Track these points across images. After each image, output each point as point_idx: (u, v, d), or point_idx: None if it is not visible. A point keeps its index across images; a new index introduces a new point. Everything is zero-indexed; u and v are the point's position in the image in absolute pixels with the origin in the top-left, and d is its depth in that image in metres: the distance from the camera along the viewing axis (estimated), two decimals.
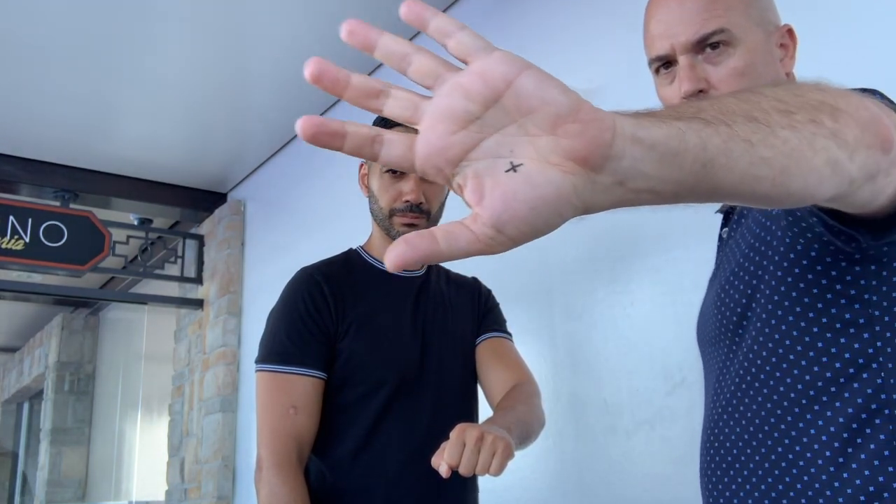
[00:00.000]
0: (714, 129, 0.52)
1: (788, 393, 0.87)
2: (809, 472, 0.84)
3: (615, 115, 0.50)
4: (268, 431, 1.41)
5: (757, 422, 0.89)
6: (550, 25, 2.37)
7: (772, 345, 0.89)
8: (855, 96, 0.63)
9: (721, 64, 0.94)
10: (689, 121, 0.52)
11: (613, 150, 0.48)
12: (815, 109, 0.58)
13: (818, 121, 0.58)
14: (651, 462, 1.85)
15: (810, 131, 0.57)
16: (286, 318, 1.47)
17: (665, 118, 0.52)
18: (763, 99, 0.57)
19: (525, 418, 1.40)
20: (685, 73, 0.96)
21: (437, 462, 1.13)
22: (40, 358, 6.79)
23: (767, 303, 0.89)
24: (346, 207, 3.16)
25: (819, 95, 0.60)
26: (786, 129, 0.55)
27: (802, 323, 0.86)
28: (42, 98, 3.34)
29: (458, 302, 1.63)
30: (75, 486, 6.19)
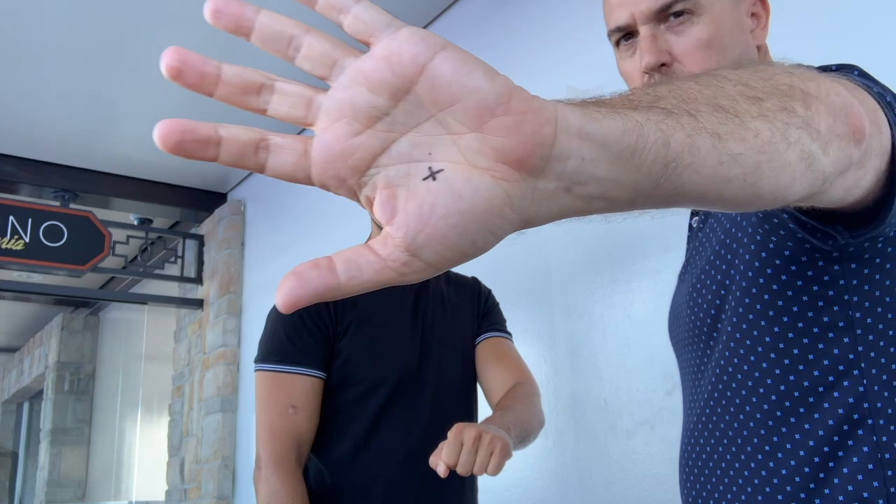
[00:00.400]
0: (676, 120, 0.44)
1: (762, 404, 0.80)
2: (785, 490, 0.77)
3: (557, 104, 0.40)
4: (267, 431, 1.41)
5: (731, 434, 0.83)
6: (550, 25, 2.37)
7: (744, 351, 0.82)
8: (825, 79, 0.56)
9: (685, 34, 0.85)
10: (647, 111, 0.43)
11: (556, 148, 0.39)
12: (786, 95, 0.51)
13: (790, 108, 0.50)
14: (651, 462, 1.85)
15: (783, 121, 0.49)
16: (285, 317, 1.47)
17: (619, 108, 0.42)
18: (728, 83, 0.50)
19: (524, 418, 1.40)
20: (646, 44, 0.86)
21: (435, 462, 1.13)
22: (40, 358, 6.79)
23: (739, 305, 0.82)
24: (345, 208, 3.15)
25: (788, 79, 0.53)
26: (757, 120, 0.48)
27: (776, 328, 0.79)
28: (42, 98, 3.34)
29: (458, 301, 1.63)
30: (75, 486, 6.19)
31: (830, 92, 0.54)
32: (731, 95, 0.48)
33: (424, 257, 0.39)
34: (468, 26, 2.71)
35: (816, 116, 0.52)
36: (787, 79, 0.53)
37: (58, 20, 2.80)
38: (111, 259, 4.07)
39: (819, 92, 0.53)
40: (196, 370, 4.20)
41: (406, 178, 0.39)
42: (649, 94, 0.46)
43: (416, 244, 0.38)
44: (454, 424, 1.16)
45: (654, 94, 0.46)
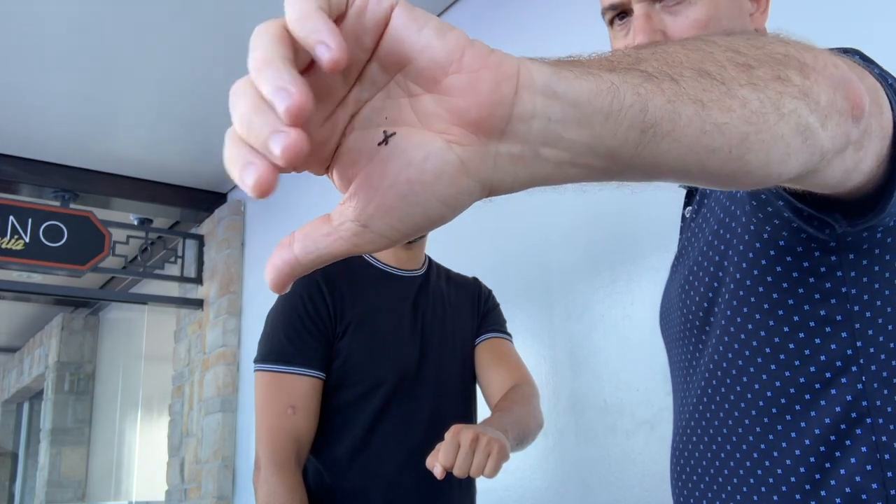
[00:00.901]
0: (657, 84, 0.40)
1: (756, 401, 0.77)
2: (781, 490, 0.75)
3: (522, 59, 0.37)
4: (266, 431, 1.40)
5: (724, 432, 0.80)
6: (550, 25, 2.37)
7: (738, 346, 0.79)
8: (824, 51, 0.53)
9: (681, 14, 0.82)
10: (625, 73, 0.40)
11: (518, 107, 0.35)
12: (780, 63, 0.47)
13: (784, 77, 0.47)
14: (651, 462, 1.85)
15: (776, 90, 0.45)
16: (285, 317, 1.47)
17: (594, 68, 0.39)
18: (717, 49, 0.46)
19: (522, 419, 1.39)
20: (639, 23, 0.83)
21: (432, 463, 1.13)
22: (40, 358, 6.79)
23: (732, 298, 0.79)
24: None
25: (783, 48, 0.49)
26: (745, 87, 0.44)
27: (771, 322, 0.76)
28: (42, 98, 3.34)
29: (458, 302, 1.62)
30: (75, 486, 6.19)
31: (829, 64, 0.51)
32: (720, 61, 0.45)
33: (375, 228, 0.37)
34: (468, 26, 2.71)
35: (815, 87, 0.48)
36: (783, 48, 0.49)
37: (58, 20, 2.80)
38: (111, 259, 4.07)
39: (817, 63, 0.50)
40: (196, 370, 4.20)
41: (362, 144, 0.37)
42: (630, 56, 0.42)
43: (366, 214, 0.37)
44: (452, 426, 1.15)
45: (635, 55, 0.43)
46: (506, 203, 2.58)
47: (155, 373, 5.26)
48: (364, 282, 1.53)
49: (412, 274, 1.58)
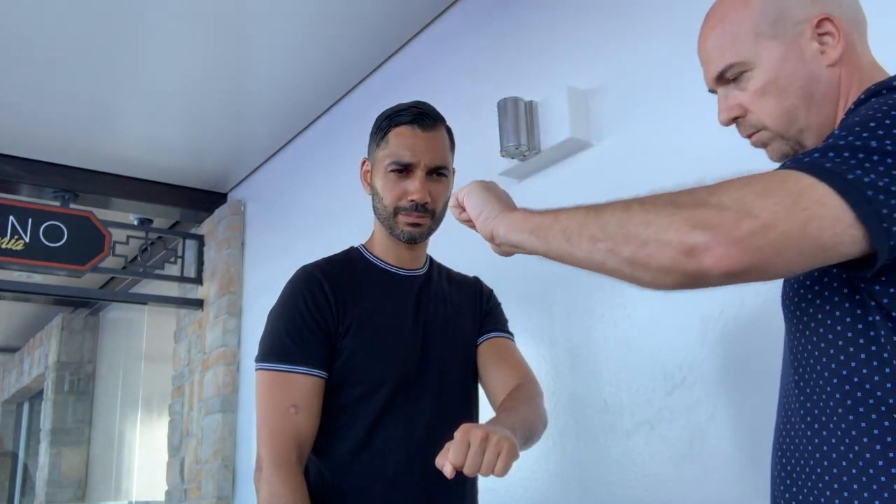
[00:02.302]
0: (543, 241, 0.94)
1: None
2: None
3: (496, 221, 1.04)
4: (268, 431, 1.40)
5: (809, 418, 0.89)
6: (550, 26, 2.37)
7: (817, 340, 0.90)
8: (665, 216, 0.78)
9: (746, 89, 1.00)
10: (533, 233, 0.96)
11: (495, 240, 1.05)
12: (611, 238, 0.83)
13: (613, 249, 0.83)
14: (651, 462, 1.85)
15: (592, 246, 0.86)
16: (287, 316, 1.47)
17: (528, 226, 0.97)
18: (584, 227, 0.87)
19: (528, 419, 1.39)
20: (720, 105, 1.04)
21: (441, 462, 1.12)
22: (40, 358, 6.79)
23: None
24: (345, 207, 3.15)
25: (628, 228, 0.82)
26: (583, 244, 0.87)
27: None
28: (42, 98, 3.34)
29: (460, 301, 1.62)
30: (75, 486, 6.19)
31: (653, 227, 0.79)
32: (578, 233, 0.88)
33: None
34: (468, 26, 2.71)
35: (619, 247, 0.82)
36: (624, 228, 0.82)
37: (58, 20, 2.80)
38: (111, 259, 4.07)
39: (640, 234, 0.80)
40: (196, 370, 4.20)
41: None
42: (546, 222, 0.95)
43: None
44: (458, 425, 1.15)
45: (538, 222, 0.97)
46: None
47: (155, 373, 5.26)
48: (366, 281, 1.53)
49: (414, 273, 1.58)
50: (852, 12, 1.00)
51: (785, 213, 0.73)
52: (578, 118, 2.14)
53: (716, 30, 1.03)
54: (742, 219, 0.73)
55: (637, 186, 2.00)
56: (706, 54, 1.04)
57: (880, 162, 0.75)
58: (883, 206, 0.74)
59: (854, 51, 0.98)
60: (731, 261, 0.73)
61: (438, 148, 1.52)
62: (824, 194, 0.74)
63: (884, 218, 0.74)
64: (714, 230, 0.73)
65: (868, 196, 0.73)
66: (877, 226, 0.74)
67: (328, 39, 2.97)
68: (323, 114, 3.52)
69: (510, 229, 0.98)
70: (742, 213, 0.73)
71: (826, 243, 0.74)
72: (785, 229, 0.73)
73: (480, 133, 2.35)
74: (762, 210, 0.73)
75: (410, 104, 1.55)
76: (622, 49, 2.11)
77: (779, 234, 0.73)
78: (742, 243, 0.73)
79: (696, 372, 1.79)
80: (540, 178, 2.30)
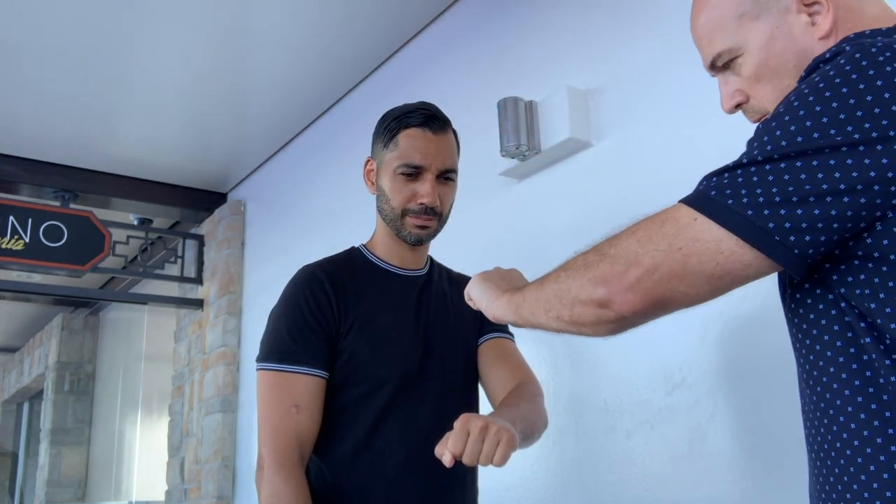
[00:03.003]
0: (522, 318, 1.06)
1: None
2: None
3: (492, 304, 1.16)
4: (269, 430, 1.40)
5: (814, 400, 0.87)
6: (550, 26, 2.37)
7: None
8: (578, 277, 0.91)
9: (741, 74, 0.97)
10: (515, 313, 1.08)
11: (495, 318, 1.16)
12: (546, 301, 0.97)
13: (548, 308, 0.97)
14: (651, 462, 1.85)
15: (545, 313, 0.98)
16: (288, 316, 1.46)
17: (512, 311, 1.10)
18: (537, 301, 1.00)
19: (528, 416, 1.39)
20: (721, 92, 1.01)
21: (441, 451, 1.12)
22: (40, 358, 6.79)
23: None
24: (346, 207, 3.15)
25: (554, 288, 0.95)
26: (542, 320, 1.00)
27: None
28: (42, 98, 3.34)
29: (461, 302, 1.62)
30: (75, 486, 6.19)
31: (573, 291, 0.91)
32: (535, 306, 1.01)
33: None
34: (468, 26, 2.71)
35: (556, 309, 0.95)
36: (560, 296, 0.94)
37: (58, 20, 2.80)
38: (111, 259, 4.07)
39: (567, 299, 0.92)
40: (196, 370, 4.20)
41: None
42: (519, 301, 1.08)
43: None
44: (461, 415, 1.15)
45: (518, 302, 1.08)
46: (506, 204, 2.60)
47: (155, 373, 5.26)
48: (367, 281, 1.53)
49: (415, 273, 1.58)
50: None
51: (662, 256, 0.81)
52: (578, 118, 2.14)
53: (702, 14, 0.99)
54: (629, 268, 0.83)
55: (637, 186, 2.01)
56: (697, 39, 1.01)
57: (771, 171, 0.77)
58: (769, 220, 0.76)
59: (852, 11, 0.92)
60: (632, 304, 0.83)
61: (448, 151, 1.52)
62: (700, 229, 0.80)
63: (771, 232, 0.76)
64: (609, 282, 0.85)
65: (748, 217, 0.77)
66: (765, 241, 0.77)
67: (328, 39, 2.97)
68: (323, 114, 3.52)
69: (502, 313, 1.12)
70: (628, 262, 0.83)
71: (714, 273, 0.80)
72: (667, 270, 0.81)
73: (480, 133, 2.35)
74: (643, 256, 0.82)
75: (418, 105, 1.54)
76: (622, 49, 2.11)
77: (662, 274, 0.81)
78: (633, 289, 0.83)
79: (696, 372, 1.79)
80: (540, 178, 2.30)
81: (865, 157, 0.73)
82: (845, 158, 0.74)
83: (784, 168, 0.76)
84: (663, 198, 1.91)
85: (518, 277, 1.25)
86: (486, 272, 1.27)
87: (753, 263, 0.79)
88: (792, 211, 0.75)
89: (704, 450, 1.74)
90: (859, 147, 0.73)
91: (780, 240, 0.76)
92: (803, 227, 0.75)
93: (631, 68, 2.08)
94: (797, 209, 0.75)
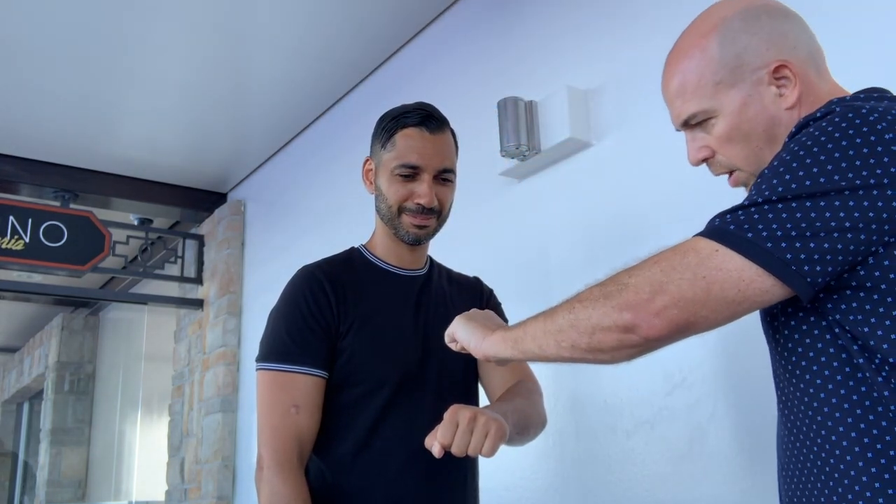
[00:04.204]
0: (521, 351, 1.08)
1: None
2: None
3: (487, 343, 1.16)
4: (269, 431, 1.40)
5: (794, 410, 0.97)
6: (550, 26, 2.37)
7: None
8: (596, 310, 0.96)
9: (711, 132, 1.07)
10: (513, 347, 1.10)
11: (488, 360, 1.17)
12: (561, 331, 1.00)
13: (560, 340, 1.00)
14: (651, 462, 1.85)
15: (556, 342, 1.01)
16: (288, 316, 1.46)
17: (509, 345, 1.11)
18: (547, 332, 1.02)
19: (523, 410, 1.40)
20: (688, 147, 1.11)
21: (430, 442, 1.14)
22: (40, 358, 6.79)
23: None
24: (345, 207, 3.16)
25: (568, 319, 0.99)
26: (552, 350, 1.02)
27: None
28: (42, 98, 3.34)
29: (460, 301, 1.62)
30: (75, 486, 6.19)
31: (593, 319, 0.96)
32: (543, 337, 1.03)
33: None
34: (468, 26, 2.71)
35: (572, 338, 0.99)
36: (577, 325, 0.98)
37: (58, 20, 2.80)
38: (111, 259, 4.07)
39: (587, 328, 0.97)
40: (196, 370, 4.20)
41: None
42: (519, 335, 1.09)
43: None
44: (450, 406, 1.17)
45: (517, 335, 1.09)
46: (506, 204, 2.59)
47: (155, 373, 5.26)
48: (367, 281, 1.53)
49: (414, 273, 1.58)
50: (806, 49, 1.04)
51: (688, 284, 0.89)
52: (578, 118, 2.14)
53: (676, 76, 1.09)
54: (654, 296, 0.90)
55: (637, 186, 2.01)
56: (669, 98, 1.11)
57: (783, 210, 0.86)
58: (786, 251, 0.86)
59: (812, 87, 1.03)
60: (658, 329, 0.91)
61: (446, 151, 1.52)
62: (723, 259, 0.88)
63: (788, 262, 0.86)
64: (635, 309, 0.91)
65: (767, 249, 0.86)
66: (782, 270, 0.86)
67: (328, 39, 2.97)
68: (323, 114, 3.52)
69: (496, 349, 1.14)
70: (654, 291, 0.90)
71: (735, 299, 0.89)
72: (691, 297, 0.89)
73: (480, 133, 2.35)
74: (669, 284, 0.90)
75: (416, 105, 1.54)
76: (622, 49, 2.11)
77: (687, 302, 0.89)
78: (660, 316, 0.90)
79: (696, 372, 1.79)
80: (540, 178, 2.30)
81: (864, 200, 0.84)
82: (847, 200, 0.84)
83: (795, 207, 0.86)
84: (663, 198, 1.92)
85: (496, 319, 1.28)
86: (467, 314, 1.29)
87: (770, 290, 0.88)
88: (806, 244, 0.85)
89: (704, 450, 1.74)
90: (858, 191, 0.84)
91: (797, 269, 0.86)
92: (815, 259, 0.85)
93: (631, 68, 2.08)
94: (810, 243, 0.85)
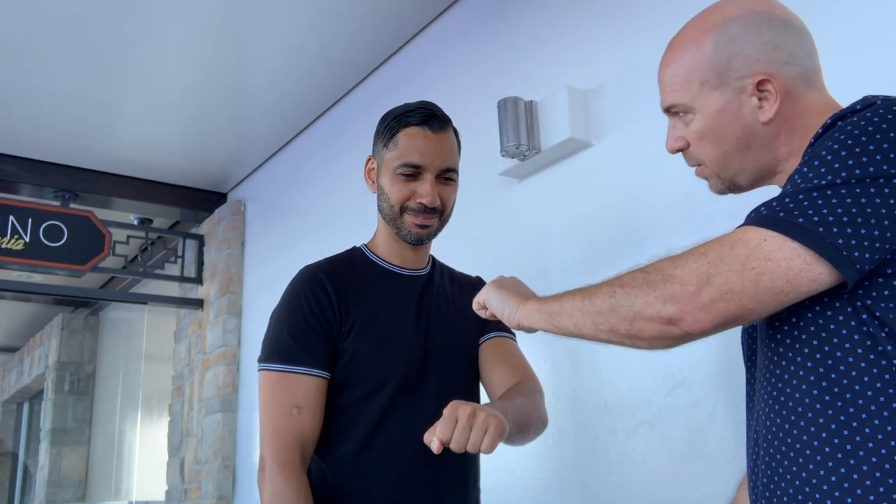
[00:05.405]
0: (556, 325, 1.07)
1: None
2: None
3: (520, 315, 1.15)
4: (271, 431, 1.40)
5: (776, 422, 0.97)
6: (550, 26, 2.37)
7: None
8: (642, 295, 0.94)
9: (688, 126, 1.09)
10: (547, 320, 1.09)
11: (521, 329, 1.16)
12: (600, 313, 0.99)
13: (598, 322, 1.00)
14: (651, 462, 1.85)
15: (592, 322, 1.01)
16: (289, 316, 1.46)
17: (544, 317, 1.10)
18: (585, 312, 1.01)
19: (523, 408, 1.39)
20: (668, 133, 1.13)
21: (429, 438, 1.14)
22: (40, 358, 6.79)
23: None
24: (346, 207, 3.15)
25: (612, 301, 0.98)
26: (589, 331, 1.01)
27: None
28: (42, 98, 3.34)
29: (462, 301, 1.62)
30: (75, 486, 6.19)
31: (635, 307, 0.95)
32: (581, 317, 1.02)
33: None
34: (468, 26, 2.71)
35: (611, 322, 0.98)
36: (618, 311, 0.97)
37: (58, 21, 2.80)
38: (111, 259, 4.07)
39: (628, 315, 0.96)
40: (196, 370, 4.20)
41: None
42: (555, 309, 1.07)
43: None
44: (450, 402, 1.16)
45: (553, 308, 1.08)
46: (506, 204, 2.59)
47: (155, 373, 5.26)
48: (368, 281, 1.53)
49: (416, 273, 1.58)
50: (801, 65, 1.04)
51: (736, 276, 0.87)
52: (578, 118, 2.14)
53: (671, 65, 1.10)
54: (701, 289, 0.88)
55: (637, 186, 2.01)
56: (661, 83, 1.12)
57: (833, 195, 0.86)
58: (838, 237, 0.85)
59: (797, 104, 1.03)
60: (703, 323, 0.89)
61: (448, 150, 1.51)
62: (772, 248, 0.87)
63: (840, 248, 0.85)
64: (681, 301, 0.89)
65: (820, 233, 0.85)
66: (836, 256, 0.85)
67: (328, 39, 2.97)
68: (323, 114, 3.52)
69: (531, 320, 1.12)
70: (700, 283, 0.88)
71: (783, 289, 0.87)
72: (739, 289, 0.87)
73: (480, 133, 2.35)
74: (716, 277, 0.88)
75: (418, 104, 1.54)
76: (622, 49, 2.11)
77: (735, 294, 0.87)
78: (707, 308, 0.88)
79: (696, 372, 1.79)
80: (540, 177, 2.30)
81: None
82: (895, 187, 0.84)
83: (845, 193, 0.86)
84: (663, 198, 1.92)
85: (523, 285, 1.27)
86: (498, 280, 1.28)
87: (817, 279, 0.87)
88: (857, 230, 0.84)
89: (704, 450, 1.74)
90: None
91: (847, 255, 0.85)
92: (865, 245, 0.84)
93: (631, 68, 2.08)
94: (861, 229, 0.84)
